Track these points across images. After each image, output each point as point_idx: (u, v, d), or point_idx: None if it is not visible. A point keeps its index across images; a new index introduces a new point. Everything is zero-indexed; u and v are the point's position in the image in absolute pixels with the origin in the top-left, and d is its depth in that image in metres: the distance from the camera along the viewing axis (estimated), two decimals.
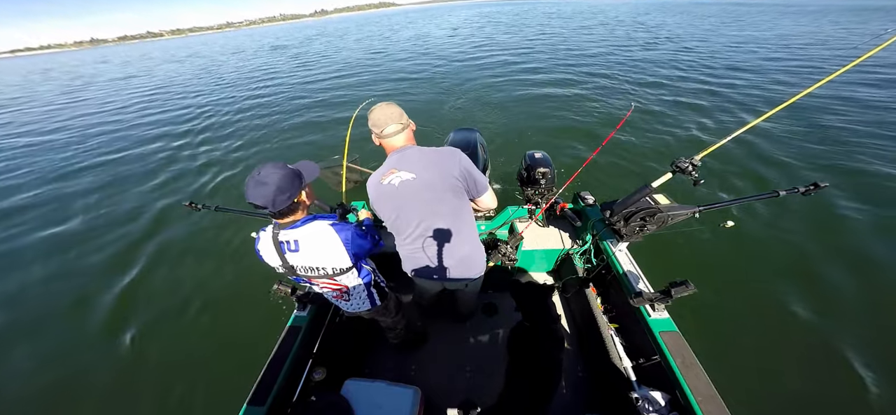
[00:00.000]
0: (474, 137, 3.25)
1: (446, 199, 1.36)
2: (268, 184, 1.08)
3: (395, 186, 1.33)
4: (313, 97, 11.34)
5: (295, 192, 1.15)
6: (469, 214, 1.48)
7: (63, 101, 15.40)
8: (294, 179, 1.16)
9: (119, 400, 2.75)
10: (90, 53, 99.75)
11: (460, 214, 1.43)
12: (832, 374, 2.53)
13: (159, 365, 2.95)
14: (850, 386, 2.45)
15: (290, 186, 1.13)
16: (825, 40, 15.13)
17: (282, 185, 1.10)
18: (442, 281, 1.58)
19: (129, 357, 3.05)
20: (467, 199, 1.43)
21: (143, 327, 3.32)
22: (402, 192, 1.34)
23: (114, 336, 3.26)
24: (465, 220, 1.46)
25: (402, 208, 1.38)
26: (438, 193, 1.34)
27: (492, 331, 2.32)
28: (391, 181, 1.33)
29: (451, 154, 1.35)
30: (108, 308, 3.58)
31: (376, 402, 1.52)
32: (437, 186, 1.33)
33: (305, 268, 1.32)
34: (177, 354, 3.03)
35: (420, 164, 1.33)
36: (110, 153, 7.89)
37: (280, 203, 1.11)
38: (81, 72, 29.68)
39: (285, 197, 1.12)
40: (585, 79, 10.88)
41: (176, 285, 3.79)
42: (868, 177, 4.76)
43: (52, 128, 10.75)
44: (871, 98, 7.81)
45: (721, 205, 1.63)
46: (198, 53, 35.59)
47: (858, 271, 3.29)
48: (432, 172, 1.32)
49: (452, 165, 1.33)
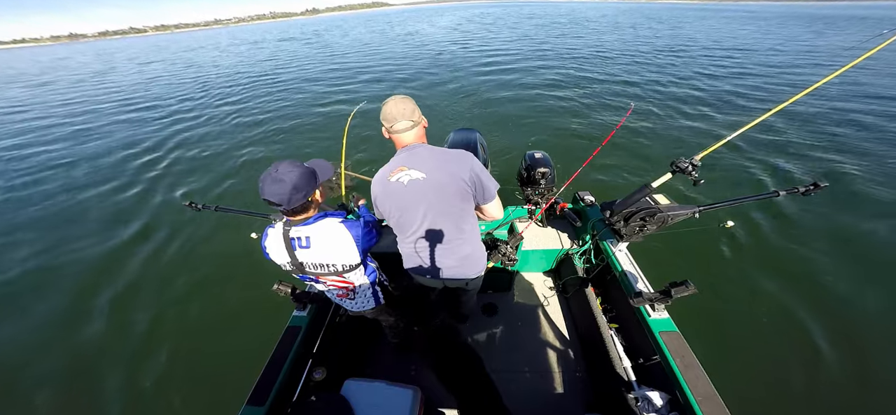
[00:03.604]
0: (474, 136, 3.25)
1: (453, 201, 1.35)
2: (284, 181, 1.09)
3: (404, 184, 1.32)
4: (306, 97, 11.36)
5: (310, 190, 1.16)
6: (473, 216, 1.48)
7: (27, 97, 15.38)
8: (310, 177, 1.17)
9: (119, 400, 2.74)
10: (67, 48, 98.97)
11: (464, 215, 1.42)
12: (832, 374, 2.53)
13: (159, 365, 2.95)
14: (851, 386, 2.45)
15: (306, 184, 1.14)
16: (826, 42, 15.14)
17: (298, 183, 1.11)
18: (442, 280, 1.58)
19: (128, 357, 3.05)
20: (473, 203, 1.42)
21: (143, 327, 3.32)
22: (410, 190, 1.32)
23: (113, 336, 3.26)
24: (468, 221, 1.45)
25: (407, 207, 1.37)
26: (446, 194, 1.33)
27: (492, 331, 2.32)
28: (400, 179, 1.32)
29: (462, 157, 1.33)
30: (108, 308, 3.57)
31: (376, 402, 1.51)
32: (445, 188, 1.32)
33: (315, 265, 1.31)
34: (176, 353, 3.03)
35: (430, 163, 1.31)
36: (109, 153, 7.89)
37: (295, 201, 1.12)
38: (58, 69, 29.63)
39: (301, 195, 1.13)
40: (585, 79, 10.89)
41: (176, 286, 3.79)
42: (868, 176, 4.77)
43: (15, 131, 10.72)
44: (871, 98, 7.82)
45: (721, 205, 1.63)
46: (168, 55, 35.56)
47: (859, 271, 3.30)
48: (442, 174, 1.30)
49: (463, 169, 1.31)
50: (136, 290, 3.79)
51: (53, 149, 8.40)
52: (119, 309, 3.56)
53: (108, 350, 3.13)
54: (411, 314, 1.95)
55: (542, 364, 2.10)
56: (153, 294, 3.71)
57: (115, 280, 3.91)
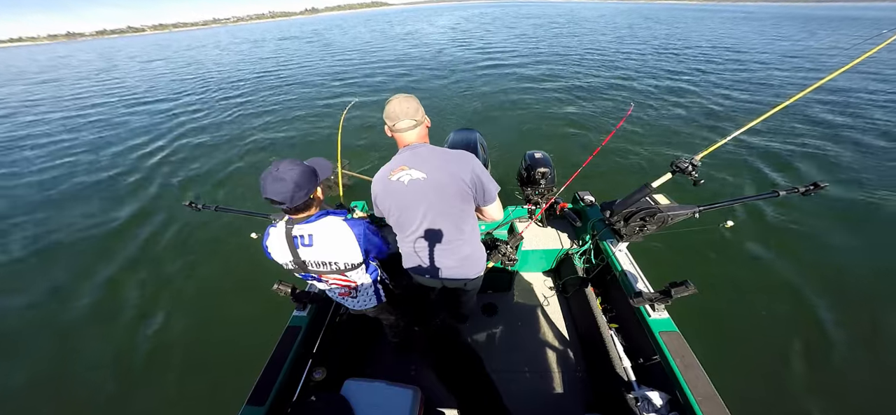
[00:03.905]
0: (474, 136, 3.25)
1: (453, 202, 1.35)
2: (285, 180, 1.10)
3: (404, 184, 1.32)
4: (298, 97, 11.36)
5: (311, 188, 1.17)
6: (473, 217, 1.48)
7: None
8: (311, 175, 1.17)
9: (119, 400, 2.74)
10: (66, 47, 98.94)
11: (465, 216, 1.42)
12: (833, 374, 2.54)
13: (159, 365, 2.95)
14: (851, 386, 2.45)
15: (307, 182, 1.14)
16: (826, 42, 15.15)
17: (300, 181, 1.12)
18: (441, 280, 1.58)
19: (128, 357, 3.05)
20: (473, 204, 1.42)
21: (142, 327, 3.32)
22: (410, 190, 1.32)
23: (113, 336, 3.26)
24: (468, 222, 1.45)
25: (406, 207, 1.37)
26: (446, 195, 1.33)
27: (492, 331, 2.32)
28: (400, 178, 1.32)
29: (464, 158, 1.32)
30: (108, 307, 3.57)
31: (376, 402, 1.51)
32: (446, 189, 1.32)
33: (317, 263, 1.31)
34: (176, 354, 3.03)
35: (431, 164, 1.30)
36: (109, 151, 7.89)
37: (297, 199, 1.13)
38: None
39: (303, 193, 1.13)
40: (585, 79, 10.89)
41: (175, 286, 3.79)
42: (869, 176, 4.76)
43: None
44: (872, 97, 7.82)
45: (721, 205, 1.63)
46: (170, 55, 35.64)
47: (859, 271, 3.30)
48: (443, 174, 1.30)
49: (464, 170, 1.31)
50: (135, 290, 3.78)
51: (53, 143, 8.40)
52: (118, 309, 3.55)
53: (108, 350, 3.13)
54: (412, 314, 1.95)
55: (542, 364, 2.10)
56: (153, 294, 3.71)
57: (115, 279, 3.91)
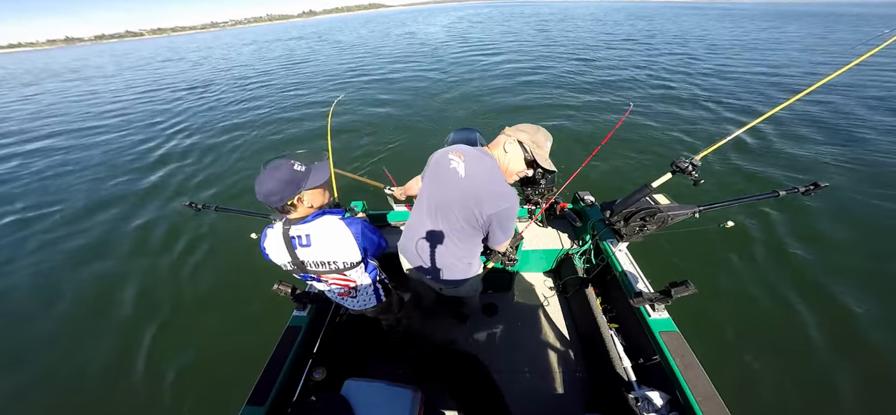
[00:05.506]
0: (475, 136, 3.23)
1: (461, 220, 1.36)
2: (276, 179, 1.14)
3: (448, 167, 1.34)
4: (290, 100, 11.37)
5: (288, 195, 1.16)
6: (479, 235, 1.48)
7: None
8: (303, 174, 1.17)
9: (119, 400, 2.74)
10: (67, 52, 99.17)
11: (472, 235, 1.43)
12: (833, 374, 2.53)
13: (158, 365, 2.95)
14: (852, 386, 2.45)
15: (281, 189, 1.14)
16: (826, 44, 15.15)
17: (290, 179, 1.15)
18: (428, 278, 1.60)
19: (128, 357, 3.05)
20: (480, 234, 1.43)
21: (142, 327, 3.31)
22: (446, 175, 1.35)
23: (112, 336, 3.26)
24: (473, 239, 1.46)
25: (435, 184, 1.40)
26: (458, 208, 1.34)
27: (492, 331, 2.32)
28: (452, 161, 1.33)
29: (495, 196, 1.29)
30: (107, 308, 3.57)
31: (376, 402, 1.51)
32: (462, 205, 1.32)
33: (316, 263, 1.31)
34: (176, 353, 3.03)
35: (471, 170, 1.31)
36: (107, 148, 7.89)
37: (287, 196, 1.15)
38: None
39: (277, 199, 1.15)
40: (584, 78, 10.89)
41: (175, 286, 3.79)
42: (869, 176, 4.76)
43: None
44: (872, 98, 7.82)
45: (721, 205, 1.63)
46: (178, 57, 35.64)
47: (860, 271, 3.30)
48: (468, 192, 1.30)
49: (487, 206, 1.29)
50: (135, 291, 3.78)
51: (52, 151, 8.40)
52: (119, 309, 3.55)
53: (107, 351, 3.13)
54: (412, 314, 1.95)
55: (542, 364, 2.10)
56: (152, 294, 3.71)
57: (115, 279, 3.91)
